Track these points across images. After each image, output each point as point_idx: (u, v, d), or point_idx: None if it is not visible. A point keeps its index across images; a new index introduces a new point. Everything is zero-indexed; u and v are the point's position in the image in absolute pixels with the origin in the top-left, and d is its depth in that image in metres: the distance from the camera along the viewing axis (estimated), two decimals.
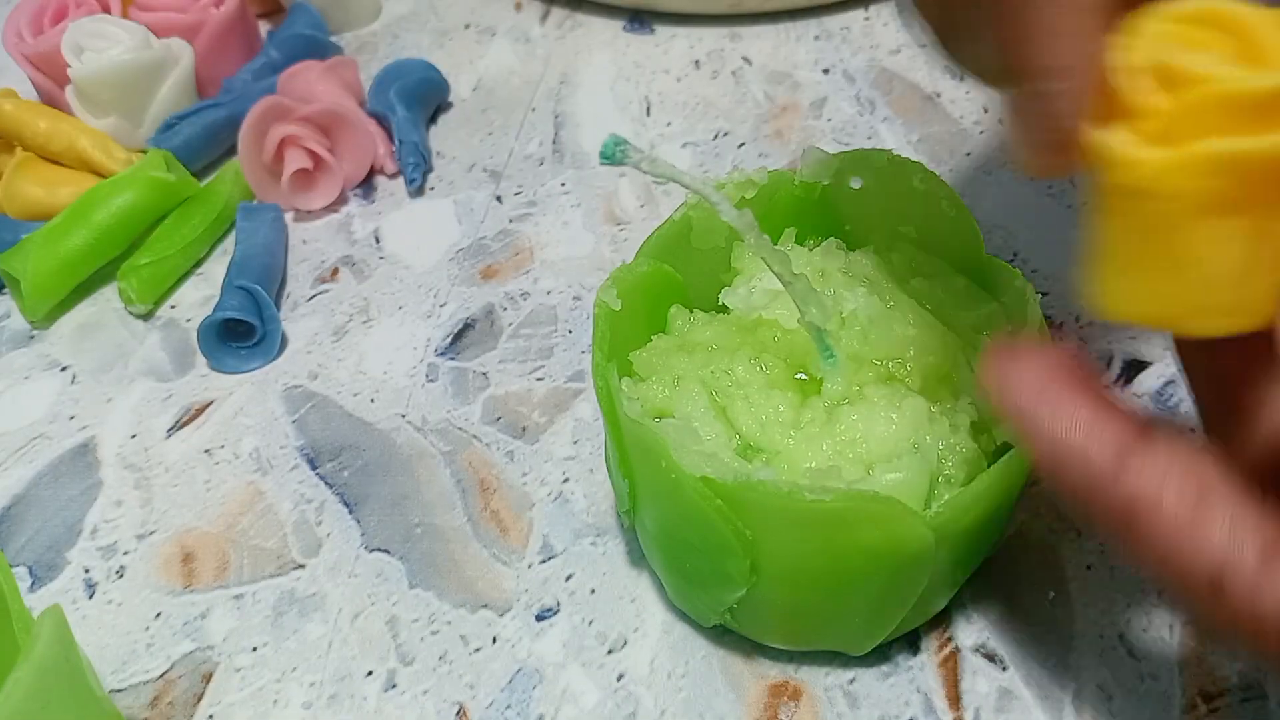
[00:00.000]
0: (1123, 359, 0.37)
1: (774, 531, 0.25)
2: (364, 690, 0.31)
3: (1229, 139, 0.18)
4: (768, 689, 0.30)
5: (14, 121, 0.45)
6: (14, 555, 0.35)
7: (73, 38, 0.45)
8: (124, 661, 0.32)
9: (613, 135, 0.21)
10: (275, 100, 0.44)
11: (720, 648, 0.31)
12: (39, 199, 0.44)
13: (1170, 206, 0.19)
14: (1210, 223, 0.19)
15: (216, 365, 0.40)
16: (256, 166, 0.44)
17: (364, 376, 0.39)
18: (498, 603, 0.33)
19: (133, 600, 0.34)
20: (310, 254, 0.44)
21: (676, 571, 0.30)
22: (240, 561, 0.34)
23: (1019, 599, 0.31)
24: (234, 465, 0.37)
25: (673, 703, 0.30)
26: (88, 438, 0.38)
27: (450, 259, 0.43)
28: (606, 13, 0.53)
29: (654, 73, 0.50)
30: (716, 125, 0.47)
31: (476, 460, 0.36)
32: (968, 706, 0.29)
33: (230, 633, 0.33)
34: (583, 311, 0.40)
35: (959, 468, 0.27)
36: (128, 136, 0.46)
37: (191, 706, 0.31)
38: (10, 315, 0.43)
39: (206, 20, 0.48)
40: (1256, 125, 0.18)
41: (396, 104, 0.46)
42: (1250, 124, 0.18)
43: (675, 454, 0.25)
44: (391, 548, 0.34)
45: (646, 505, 0.29)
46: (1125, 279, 0.20)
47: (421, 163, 0.46)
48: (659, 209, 0.44)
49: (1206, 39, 0.19)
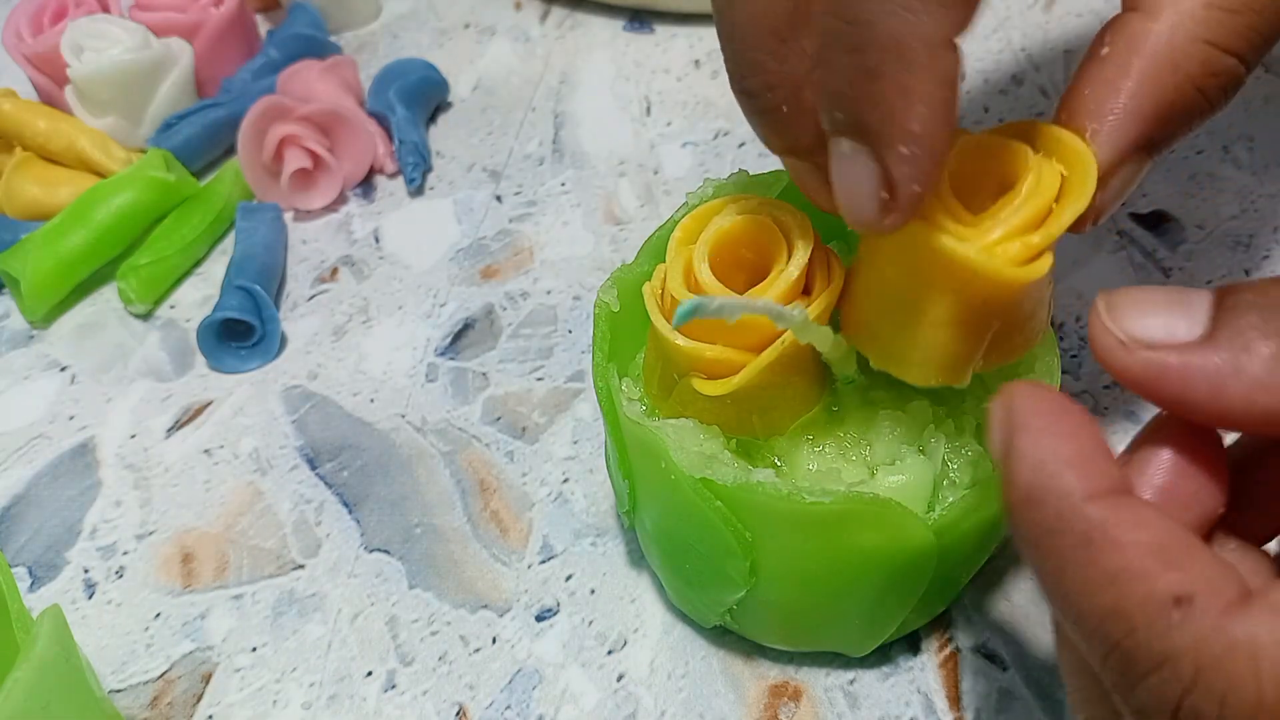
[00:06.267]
0: None
1: (774, 533, 0.25)
2: (364, 691, 0.31)
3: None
4: (768, 689, 0.30)
5: (13, 121, 0.45)
6: (14, 555, 0.35)
7: (72, 37, 0.45)
8: (124, 662, 0.32)
9: (686, 302, 0.22)
10: (275, 100, 0.44)
11: (720, 648, 0.31)
12: (38, 199, 0.44)
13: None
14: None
15: (216, 365, 0.40)
16: (256, 166, 0.44)
17: (364, 376, 0.39)
18: (497, 603, 0.33)
19: (132, 600, 0.34)
20: (310, 254, 0.44)
21: (676, 572, 0.30)
22: (240, 562, 0.34)
23: (1019, 599, 0.31)
24: (233, 465, 0.37)
25: (673, 703, 0.30)
26: (87, 438, 0.38)
27: (450, 259, 0.43)
28: (606, 12, 0.53)
29: (654, 72, 0.50)
30: (716, 125, 0.47)
31: (476, 460, 0.36)
32: (968, 707, 0.29)
33: (230, 633, 0.33)
34: (583, 311, 0.40)
35: (964, 470, 0.27)
36: (127, 136, 0.46)
37: (191, 707, 0.31)
38: (10, 315, 0.43)
39: (206, 20, 0.48)
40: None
41: (396, 103, 0.46)
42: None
43: (675, 454, 0.25)
44: (391, 548, 0.34)
45: (646, 506, 0.29)
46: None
47: (421, 162, 0.46)
48: (659, 209, 0.44)
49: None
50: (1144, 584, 0.17)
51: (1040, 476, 0.18)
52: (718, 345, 0.25)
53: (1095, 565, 0.17)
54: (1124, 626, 0.17)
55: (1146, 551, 0.17)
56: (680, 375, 0.26)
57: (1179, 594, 0.17)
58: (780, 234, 0.25)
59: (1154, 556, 0.17)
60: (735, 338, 0.25)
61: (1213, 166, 0.42)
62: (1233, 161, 0.42)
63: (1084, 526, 0.17)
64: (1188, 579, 0.17)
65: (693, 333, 0.25)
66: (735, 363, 0.25)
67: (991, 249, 0.22)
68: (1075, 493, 0.18)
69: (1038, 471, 0.18)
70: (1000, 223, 0.22)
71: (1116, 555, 0.17)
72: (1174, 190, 0.41)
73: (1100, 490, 0.18)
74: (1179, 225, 0.40)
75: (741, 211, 0.26)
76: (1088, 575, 0.17)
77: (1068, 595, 0.18)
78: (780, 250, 0.25)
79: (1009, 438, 0.19)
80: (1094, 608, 0.17)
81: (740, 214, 0.26)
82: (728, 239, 0.26)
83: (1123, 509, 0.18)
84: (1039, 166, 0.22)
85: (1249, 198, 0.41)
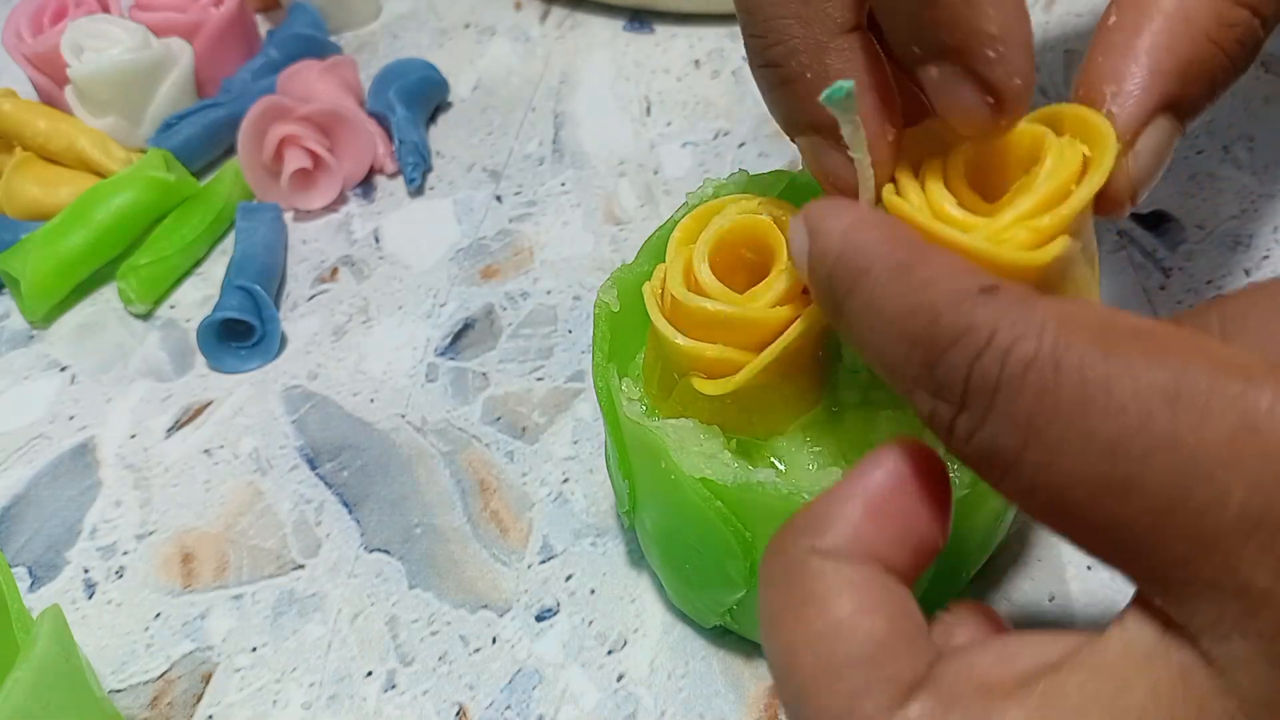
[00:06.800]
0: None
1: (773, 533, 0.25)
2: (364, 691, 0.31)
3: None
4: (768, 689, 0.30)
5: (13, 121, 0.45)
6: (14, 555, 0.35)
7: (72, 37, 0.45)
8: (123, 662, 0.32)
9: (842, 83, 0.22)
10: (275, 100, 0.44)
11: (720, 648, 0.31)
12: (38, 199, 0.44)
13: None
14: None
15: (216, 365, 0.40)
16: (256, 166, 0.44)
17: (363, 376, 0.39)
18: (497, 603, 0.33)
19: (132, 600, 0.34)
20: (310, 254, 0.44)
21: (676, 572, 0.30)
22: (240, 562, 0.34)
23: (1019, 599, 0.31)
24: (233, 465, 0.37)
25: (673, 703, 0.30)
26: (87, 438, 0.38)
27: (450, 259, 0.43)
28: (606, 12, 0.53)
29: (654, 72, 0.50)
30: (716, 125, 0.47)
31: (476, 460, 0.36)
32: None
33: (230, 633, 0.33)
34: (583, 311, 0.40)
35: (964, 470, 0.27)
36: (127, 136, 0.46)
37: (191, 707, 0.31)
38: (10, 315, 0.43)
39: (206, 20, 0.48)
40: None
41: (396, 103, 0.46)
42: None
43: (675, 454, 0.25)
44: (391, 548, 0.34)
45: (646, 506, 0.29)
46: None
47: (421, 162, 0.46)
48: (659, 209, 0.44)
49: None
50: (953, 280, 0.18)
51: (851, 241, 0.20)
52: (718, 345, 0.25)
53: (908, 276, 0.18)
54: (926, 317, 0.18)
55: (958, 263, 0.19)
56: (680, 375, 0.26)
57: (985, 285, 0.17)
58: (780, 234, 0.25)
59: (964, 266, 0.18)
60: (735, 337, 0.25)
61: (1213, 166, 0.42)
62: (1233, 161, 0.42)
63: (905, 252, 0.19)
64: (995, 282, 0.18)
65: (693, 332, 0.25)
66: (735, 362, 0.25)
67: (999, 236, 0.21)
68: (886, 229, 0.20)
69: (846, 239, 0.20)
70: (1012, 208, 0.21)
71: (928, 267, 0.18)
72: (1174, 190, 0.41)
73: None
74: (1179, 225, 0.40)
75: (741, 211, 0.26)
76: (898, 289, 0.18)
77: (878, 308, 0.19)
78: (780, 250, 0.25)
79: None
80: (901, 309, 0.18)
81: (740, 214, 0.26)
82: (728, 239, 0.26)
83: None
84: (1059, 148, 0.22)
85: (1249, 198, 0.41)
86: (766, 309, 0.24)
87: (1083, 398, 0.16)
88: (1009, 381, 0.16)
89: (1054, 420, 0.16)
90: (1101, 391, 0.16)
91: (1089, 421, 0.16)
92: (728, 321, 0.24)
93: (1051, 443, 0.16)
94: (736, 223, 0.26)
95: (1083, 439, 0.16)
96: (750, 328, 0.25)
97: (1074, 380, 0.16)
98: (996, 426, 0.17)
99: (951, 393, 0.17)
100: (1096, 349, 0.16)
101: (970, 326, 0.17)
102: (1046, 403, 0.16)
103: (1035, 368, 0.16)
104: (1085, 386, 0.16)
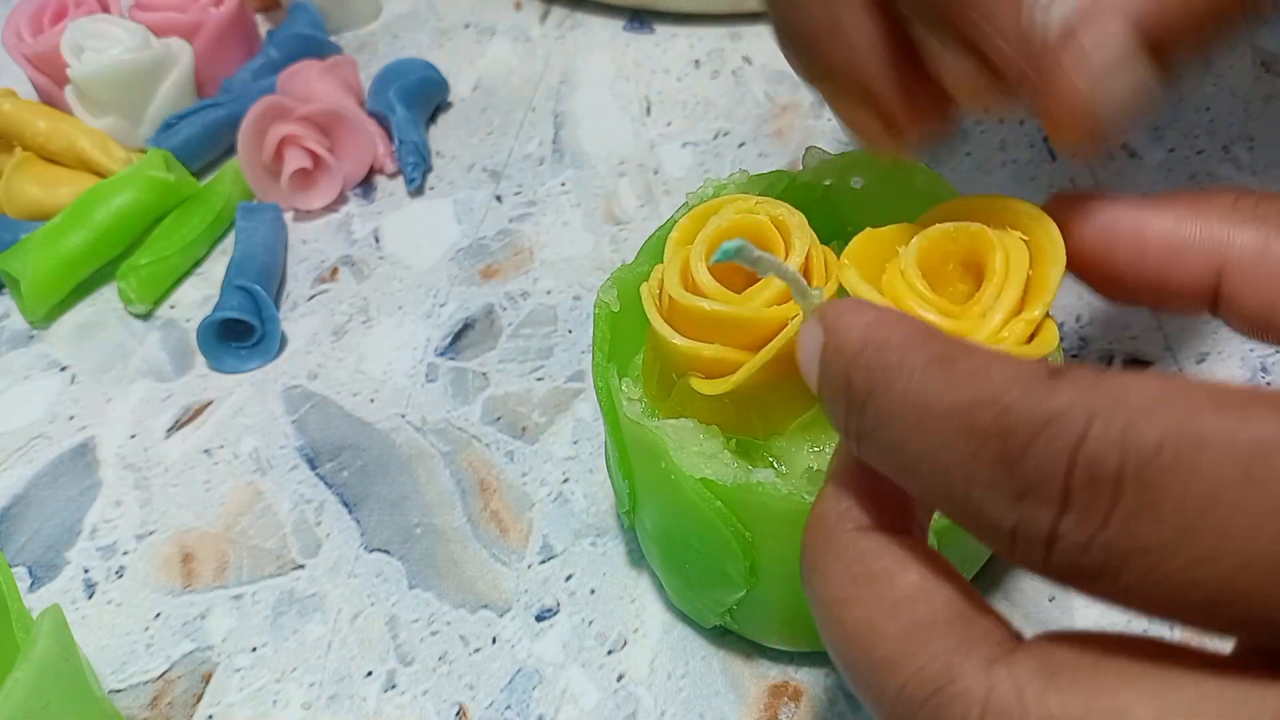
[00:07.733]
0: (1122, 358, 0.37)
1: (774, 533, 0.25)
2: (364, 691, 0.31)
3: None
4: (768, 689, 0.30)
5: (13, 121, 0.45)
6: (14, 555, 0.35)
7: (72, 37, 0.45)
8: (123, 661, 0.32)
9: (730, 242, 0.22)
10: (275, 100, 0.44)
11: (720, 648, 0.31)
12: (38, 199, 0.44)
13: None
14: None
15: (216, 365, 0.40)
16: (256, 166, 0.44)
17: (363, 376, 0.39)
18: (497, 603, 0.33)
19: (132, 600, 0.34)
20: (310, 254, 0.44)
21: (676, 572, 0.30)
22: (240, 562, 0.34)
23: (1019, 599, 0.31)
24: (233, 465, 0.37)
25: (673, 703, 0.30)
26: (87, 438, 0.38)
27: (450, 259, 0.43)
28: (606, 12, 0.53)
29: (654, 72, 0.50)
30: (716, 125, 0.47)
31: (476, 460, 0.36)
32: None
33: (230, 633, 0.33)
34: (583, 311, 0.40)
35: None
36: (127, 136, 0.46)
37: (191, 707, 0.31)
38: (10, 315, 0.43)
39: (206, 20, 0.48)
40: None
41: (396, 103, 0.46)
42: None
43: (675, 454, 0.25)
44: (391, 548, 0.34)
45: (646, 505, 0.29)
46: None
47: (421, 162, 0.46)
48: (659, 209, 0.44)
49: None
50: (1012, 366, 0.16)
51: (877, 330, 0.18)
52: (715, 344, 0.25)
53: (953, 366, 0.16)
54: (995, 408, 0.15)
55: (1000, 353, 0.16)
56: (679, 375, 0.26)
57: (1051, 369, 0.15)
58: (778, 233, 0.25)
59: (1009, 356, 0.16)
60: (732, 337, 0.25)
61: (1213, 166, 0.42)
62: (1233, 161, 0.42)
63: (939, 344, 0.17)
64: (1059, 365, 0.16)
65: (691, 332, 0.25)
66: (733, 362, 0.25)
67: (997, 336, 0.22)
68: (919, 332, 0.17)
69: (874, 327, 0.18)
70: (997, 307, 0.22)
71: (971, 358, 0.16)
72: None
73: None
74: None
75: (739, 211, 0.26)
76: (946, 382, 0.16)
77: (922, 403, 0.16)
78: (778, 250, 0.25)
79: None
80: (954, 403, 0.16)
81: (738, 214, 0.26)
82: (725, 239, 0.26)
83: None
84: (1001, 240, 0.22)
85: None
86: (763, 308, 0.24)
87: (1245, 473, 0.14)
88: (1141, 469, 0.14)
89: (1217, 503, 0.14)
90: (1262, 461, 0.14)
91: (1266, 495, 0.14)
92: (725, 321, 0.24)
93: (1217, 528, 0.14)
94: (733, 222, 0.26)
95: (1258, 518, 0.14)
96: (747, 327, 0.25)
97: (1227, 453, 0.14)
98: (1132, 525, 0.14)
99: (1047, 492, 0.15)
100: (1234, 416, 0.14)
101: (1056, 413, 0.15)
102: (1202, 485, 0.14)
103: (1172, 447, 0.14)
104: (1241, 456, 0.14)
